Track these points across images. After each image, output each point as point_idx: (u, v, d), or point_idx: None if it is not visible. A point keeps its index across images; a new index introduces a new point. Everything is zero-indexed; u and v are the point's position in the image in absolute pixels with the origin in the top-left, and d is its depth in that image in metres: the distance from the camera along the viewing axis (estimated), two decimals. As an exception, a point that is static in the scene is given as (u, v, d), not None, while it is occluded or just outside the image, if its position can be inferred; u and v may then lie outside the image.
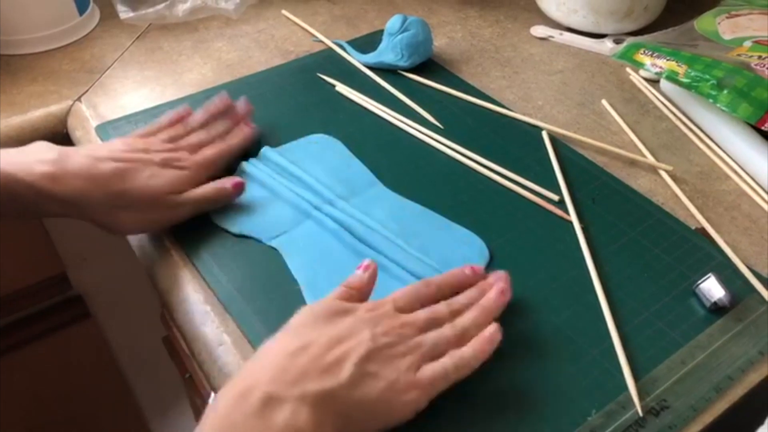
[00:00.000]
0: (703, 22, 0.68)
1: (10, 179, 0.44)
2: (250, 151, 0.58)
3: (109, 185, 0.47)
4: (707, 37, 0.65)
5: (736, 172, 0.58)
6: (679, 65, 0.60)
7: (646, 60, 0.63)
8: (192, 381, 0.80)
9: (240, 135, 0.57)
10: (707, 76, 0.58)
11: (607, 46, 0.75)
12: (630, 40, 0.66)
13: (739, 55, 0.60)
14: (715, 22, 0.66)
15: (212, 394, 0.54)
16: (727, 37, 0.64)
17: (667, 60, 0.61)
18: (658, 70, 0.61)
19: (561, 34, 0.78)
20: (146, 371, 1.19)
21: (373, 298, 0.46)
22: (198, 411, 0.89)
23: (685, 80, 0.59)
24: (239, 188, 0.52)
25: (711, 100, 0.57)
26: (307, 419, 0.33)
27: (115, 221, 0.48)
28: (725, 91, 0.56)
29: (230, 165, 0.56)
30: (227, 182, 0.52)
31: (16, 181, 0.44)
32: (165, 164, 0.50)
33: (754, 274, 0.49)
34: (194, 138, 0.55)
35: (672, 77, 0.60)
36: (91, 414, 1.16)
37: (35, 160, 0.46)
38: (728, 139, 0.60)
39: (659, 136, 0.63)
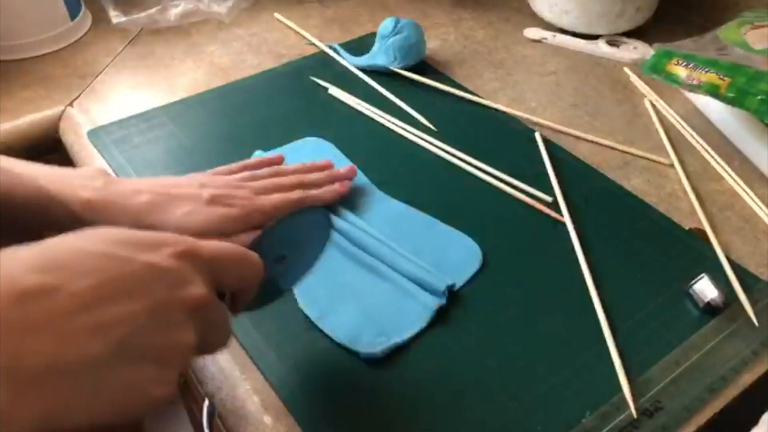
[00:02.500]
0: (727, 32, 0.65)
1: (52, 201, 0.41)
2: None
3: (139, 218, 0.44)
4: (737, 46, 0.61)
5: (728, 173, 0.58)
6: (720, 78, 0.55)
7: (681, 72, 0.59)
8: (187, 386, 0.79)
9: (331, 192, 0.52)
10: (753, 90, 0.53)
11: (600, 47, 0.75)
12: (657, 47, 0.63)
13: None
14: (740, 32, 0.63)
15: (206, 400, 0.54)
16: (758, 47, 0.60)
17: (706, 72, 0.57)
18: (695, 83, 0.57)
19: (554, 36, 0.78)
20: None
21: (364, 301, 0.46)
22: (193, 415, 0.89)
23: (728, 95, 0.55)
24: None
25: (759, 117, 0.53)
26: (7, 405, 0.22)
27: None
28: None
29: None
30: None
31: (55, 202, 0.42)
32: (212, 201, 0.46)
33: (748, 274, 0.49)
34: (269, 181, 0.50)
35: (713, 92, 0.56)
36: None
37: (80, 185, 0.44)
38: (764, 157, 0.58)
39: (653, 137, 0.63)
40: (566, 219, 0.53)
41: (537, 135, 0.62)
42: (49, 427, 0.24)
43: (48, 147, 0.66)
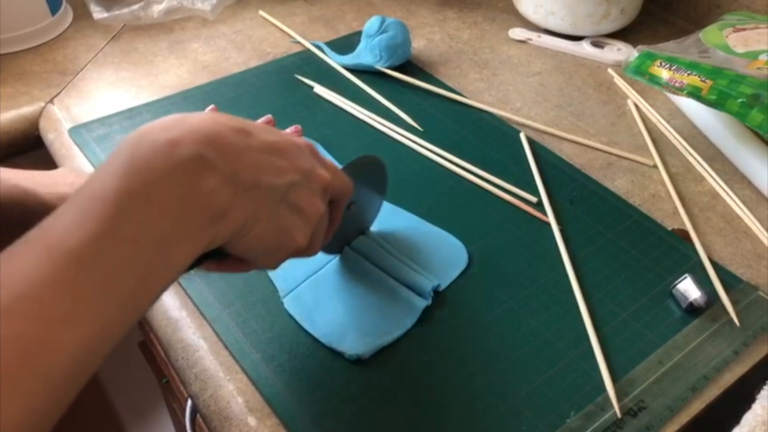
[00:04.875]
0: (709, 35, 0.65)
1: (29, 197, 0.43)
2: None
3: None
4: (718, 49, 0.62)
5: (710, 174, 0.59)
6: (702, 80, 0.56)
7: (664, 74, 0.59)
8: (169, 386, 0.79)
9: None
10: (734, 93, 0.54)
11: (584, 48, 0.76)
12: (640, 49, 0.63)
13: (758, 68, 0.57)
14: (723, 35, 0.64)
15: (189, 401, 0.54)
16: (739, 50, 0.61)
17: (688, 74, 0.57)
18: (678, 85, 0.58)
19: (539, 37, 0.78)
20: (122, 377, 1.17)
21: (349, 301, 0.46)
22: (176, 416, 0.88)
23: (710, 97, 0.56)
24: None
25: (740, 120, 0.54)
26: (232, 204, 0.31)
27: None
28: (755, 110, 0.53)
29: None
30: None
31: (32, 199, 0.43)
32: None
33: (729, 275, 0.49)
34: None
35: (695, 94, 0.57)
36: (67, 421, 1.14)
37: (54, 182, 0.45)
38: (745, 158, 0.59)
39: (636, 138, 0.64)
40: (551, 219, 0.53)
41: (522, 135, 0.62)
42: (242, 232, 0.32)
43: (28, 144, 0.65)
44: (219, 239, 0.31)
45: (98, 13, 0.75)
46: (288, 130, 0.57)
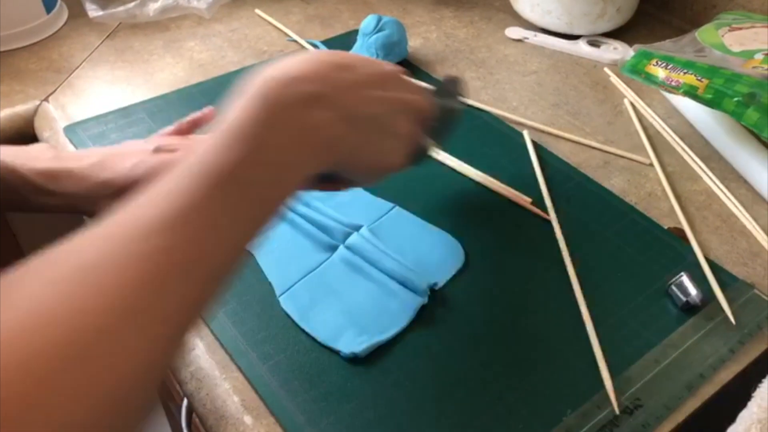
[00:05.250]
0: (705, 34, 0.65)
1: (8, 171, 0.44)
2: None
3: (92, 177, 0.46)
4: (714, 48, 0.62)
5: (706, 173, 0.59)
6: (698, 79, 0.56)
7: (660, 73, 0.59)
8: (164, 385, 0.78)
9: None
10: (730, 92, 0.54)
11: (580, 47, 0.76)
12: (636, 48, 0.64)
13: (754, 67, 0.57)
14: (718, 34, 0.64)
15: (185, 400, 0.54)
16: (735, 49, 0.61)
17: (684, 73, 0.58)
18: (674, 84, 0.58)
19: (535, 36, 0.78)
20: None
21: (345, 300, 0.46)
22: (171, 416, 0.88)
23: (706, 96, 0.56)
24: None
25: (736, 118, 0.54)
26: (343, 134, 0.35)
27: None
28: (751, 109, 0.53)
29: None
30: None
31: (12, 173, 0.44)
32: (157, 151, 0.49)
33: (725, 273, 0.49)
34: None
35: (691, 93, 0.57)
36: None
37: (33, 157, 0.46)
38: (741, 157, 0.59)
39: (632, 137, 0.64)
40: (552, 217, 0.53)
41: (525, 134, 0.62)
42: (350, 157, 0.37)
43: (23, 143, 0.65)
44: (328, 165, 0.36)
45: (93, 11, 0.75)
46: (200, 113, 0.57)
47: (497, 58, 0.75)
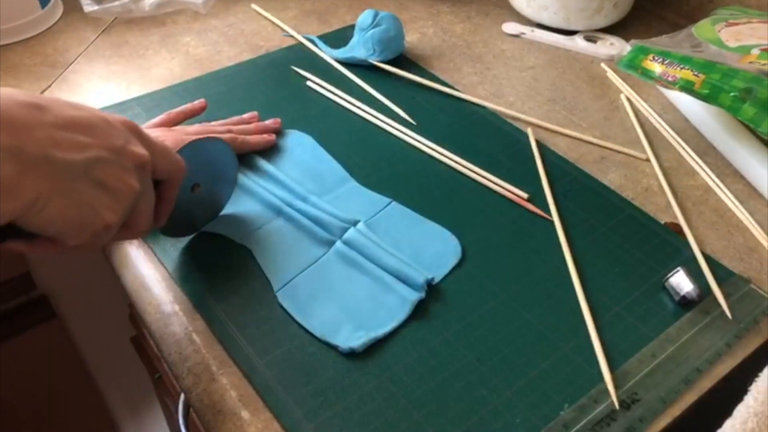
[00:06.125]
0: (702, 30, 0.65)
1: None
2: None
3: None
4: (711, 43, 0.62)
5: (702, 168, 0.59)
6: (695, 74, 0.56)
7: (657, 68, 0.59)
8: (162, 381, 0.78)
9: (259, 139, 0.57)
10: (727, 87, 0.54)
11: (577, 42, 0.76)
12: (633, 44, 0.63)
13: (751, 62, 0.57)
14: (715, 29, 0.64)
15: (182, 395, 0.54)
16: (731, 44, 0.61)
17: (681, 68, 0.58)
18: (670, 79, 0.58)
19: (532, 31, 0.78)
20: (115, 372, 1.17)
21: (343, 295, 0.46)
22: (168, 411, 0.88)
23: (702, 91, 0.56)
24: None
25: (732, 113, 0.54)
26: (13, 176, 0.31)
27: None
28: (747, 104, 0.53)
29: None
30: None
31: None
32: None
33: (721, 268, 0.49)
34: (200, 127, 0.56)
35: (687, 88, 0.57)
36: (60, 417, 1.14)
37: None
38: (738, 152, 0.59)
39: (629, 132, 0.64)
40: (553, 214, 0.53)
41: (529, 132, 0.61)
42: (35, 209, 0.32)
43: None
44: (7, 214, 0.32)
45: (89, 5, 0.74)
46: (268, 122, 0.60)
47: (494, 54, 0.75)
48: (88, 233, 0.36)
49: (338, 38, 0.73)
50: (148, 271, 0.48)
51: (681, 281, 0.46)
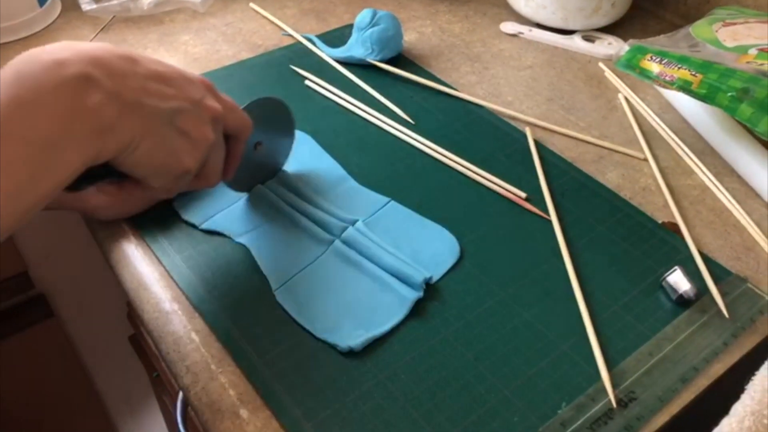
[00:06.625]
0: (699, 29, 0.65)
1: None
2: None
3: None
4: (708, 43, 0.62)
5: (700, 168, 0.59)
6: (692, 74, 0.57)
7: (655, 68, 0.60)
8: (160, 380, 0.79)
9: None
10: (724, 87, 0.55)
11: (575, 42, 0.76)
12: (631, 43, 0.64)
13: (748, 62, 0.57)
14: (712, 29, 0.64)
15: (180, 394, 0.54)
16: (729, 44, 0.61)
17: (679, 68, 0.58)
18: (668, 79, 0.58)
19: (530, 30, 0.78)
20: (113, 371, 1.17)
21: (341, 294, 0.46)
22: (167, 410, 0.88)
23: (700, 91, 0.56)
24: None
25: (729, 113, 0.55)
26: (116, 118, 0.35)
27: None
28: (745, 104, 0.53)
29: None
30: None
31: None
32: None
33: (718, 267, 0.50)
34: None
35: (685, 88, 0.57)
36: (58, 416, 1.14)
37: None
38: (735, 152, 0.59)
39: (627, 132, 0.64)
40: (551, 213, 0.53)
41: (528, 133, 0.62)
42: (129, 149, 0.37)
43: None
44: (107, 152, 0.36)
45: (87, 4, 0.74)
46: None
47: (492, 53, 0.75)
48: (170, 176, 0.41)
49: (337, 37, 0.73)
50: (147, 270, 0.49)
51: (678, 280, 0.47)
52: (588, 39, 0.77)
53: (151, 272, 0.48)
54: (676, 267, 0.47)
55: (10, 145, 0.31)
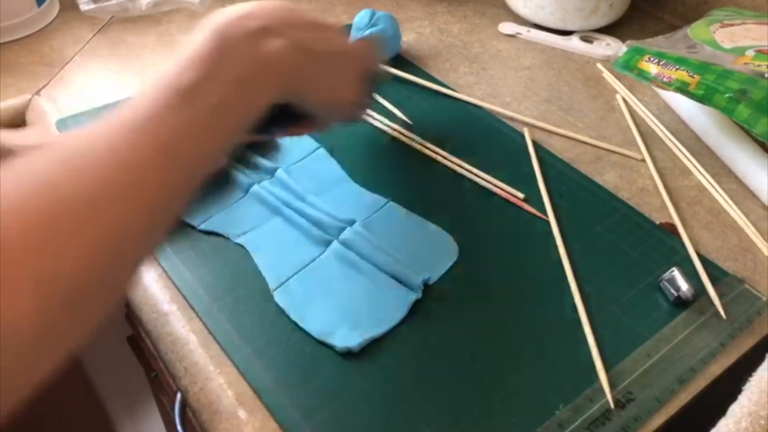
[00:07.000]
0: (697, 31, 0.65)
1: (6, 152, 0.46)
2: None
3: None
4: (706, 44, 0.62)
5: (697, 169, 0.59)
6: (690, 75, 0.57)
7: (653, 69, 0.60)
8: (158, 380, 0.78)
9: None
10: (722, 88, 0.55)
11: (573, 42, 0.76)
12: (629, 44, 0.64)
13: (746, 63, 0.57)
14: (710, 30, 0.64)
15: (178, 394, 0.54)
16: (726, 45, 0.61)
17: (676, 69, 0.58)
18: (666, 80, 0.58)
19: (528, 31, 0.78)
20: (111, 371, 1.16)
21: (339, 294, 0.46)
22: (165, 410, 0.88)
23: (698, 92, 0.56)
24: None
25: (727, 114, 0.55)
26: (292, 61, 0.39)
27: None
28: (742, 105, 0.54)
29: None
30: None
31: (10, 154, 0.46)
32: None
33: (716, 268, 0.50)
34: None
35: (683, 89, 0.57)
36: (55, 416, 1.14)
37: (23, 136, 0.49)
38: (732, 153, 0.59)
39: (624, 133, 0.64)
40: (549, 213, 0.53)
41: (526, 133, 0.62)
42: (309, 89, 0.42)
43: (14, 137, 0.64)
44: (290, 92, 0.41)
45: (85, 4, 0.74)
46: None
47: (490, 54, 0.75)
48: (341, 109, 0.46)
49: (335, 38, 0.73)
50: (145, 271, 0.49)
51: (676, 281, 0.47)
52: (586, 40, 0.77)
53: (149, 273, 0.48)
54: (673, 268, 0.47)
55: (216, 87, 0.35)
